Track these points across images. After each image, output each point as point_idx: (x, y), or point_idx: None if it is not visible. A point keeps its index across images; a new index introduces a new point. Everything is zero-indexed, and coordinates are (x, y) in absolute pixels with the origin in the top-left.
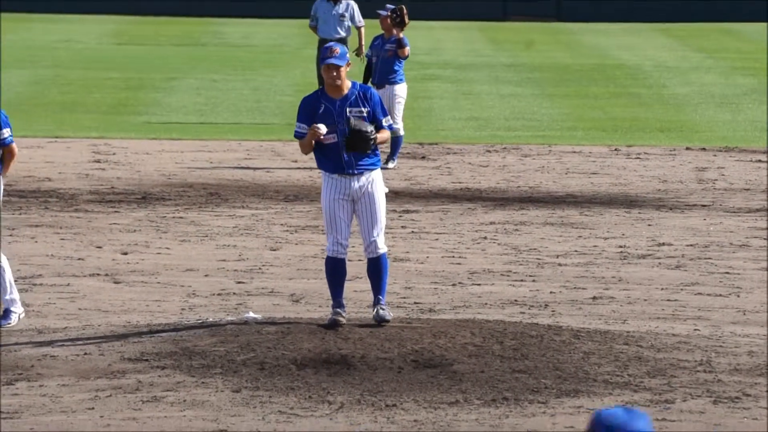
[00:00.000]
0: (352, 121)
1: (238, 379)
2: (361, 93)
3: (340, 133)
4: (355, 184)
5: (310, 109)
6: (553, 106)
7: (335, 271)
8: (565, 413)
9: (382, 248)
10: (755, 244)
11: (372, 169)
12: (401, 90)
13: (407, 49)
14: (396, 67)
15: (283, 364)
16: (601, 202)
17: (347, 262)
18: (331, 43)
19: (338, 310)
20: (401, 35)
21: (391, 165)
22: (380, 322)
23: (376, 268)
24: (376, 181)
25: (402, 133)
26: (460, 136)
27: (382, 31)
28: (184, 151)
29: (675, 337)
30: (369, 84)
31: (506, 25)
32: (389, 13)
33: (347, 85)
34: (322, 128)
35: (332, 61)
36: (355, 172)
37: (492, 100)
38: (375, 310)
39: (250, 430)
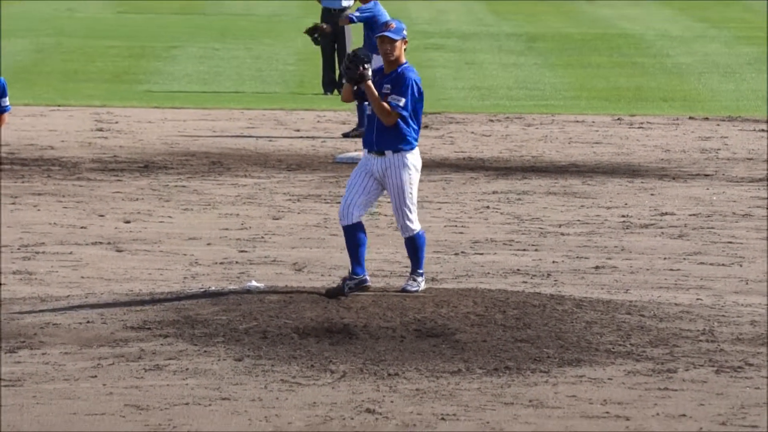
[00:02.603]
0: (360, 52)
1: (240, 348)
2: (399, 73)
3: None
4: (377, 165)
5: (374, 74)
6: (556, 76)
7: (345, 237)
8: (568, 383)
9: (414, 228)
10: (758, 213)
11: (396, 150)
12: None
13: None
14: (365, 39)
15: (286, 332)
16: (604, 171)
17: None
18: (390, 19)
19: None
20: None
21: (355, 133)
22: (404, 291)
23: (408, 247)
24: (399, 165)
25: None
26: (463, 105)
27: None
28: (187, 119)
29: (677, 307)
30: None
31: None
32: None
33: (400, 62)
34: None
35: (387, 33)
36: (375, 149)
37: (495, 70)
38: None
39: (252, 399)
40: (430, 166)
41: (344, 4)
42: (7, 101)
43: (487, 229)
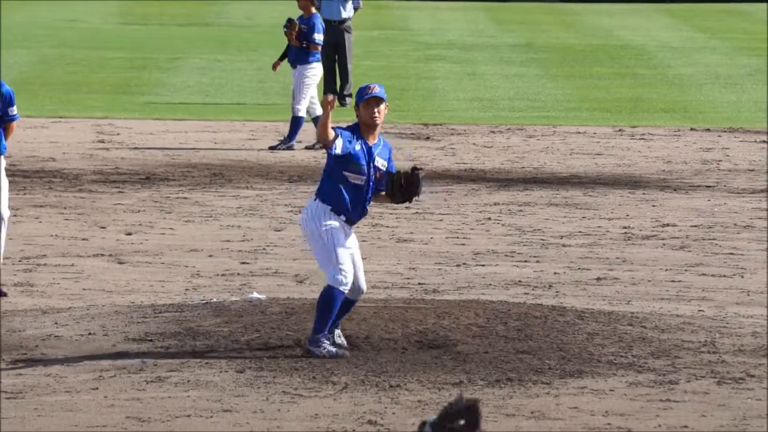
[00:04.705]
0: (422, 174)
1: (242, 360)
2: (386, 144)
3: (371, 178)
4: (350, 232)
5: (348, 133)
6: (558, 87)
7: (337, 304)
8: (569, 394)
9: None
10: (759, 224)
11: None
12: (311, 71)
13: (314, 45)
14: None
15: (287, 344)
16: (606, 182)
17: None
18: (370, 83)
19: (329, 339)
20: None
21: (282, 147)
22: (345, 348)
23: (350, 308)
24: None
25: (302, 115)
26: (465, 116)
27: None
28: (188, 131)
29: (679, 318)
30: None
31: (510, 5)
32: None
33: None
34: (330, 97)
35: (377, 94)
36: (358, 220)
37: (496, 81)
38: (336, 335)
39: (254, 411)
40: (431, 177)
41: (344, 15)
42: (14, 110)
43: (488, 241)
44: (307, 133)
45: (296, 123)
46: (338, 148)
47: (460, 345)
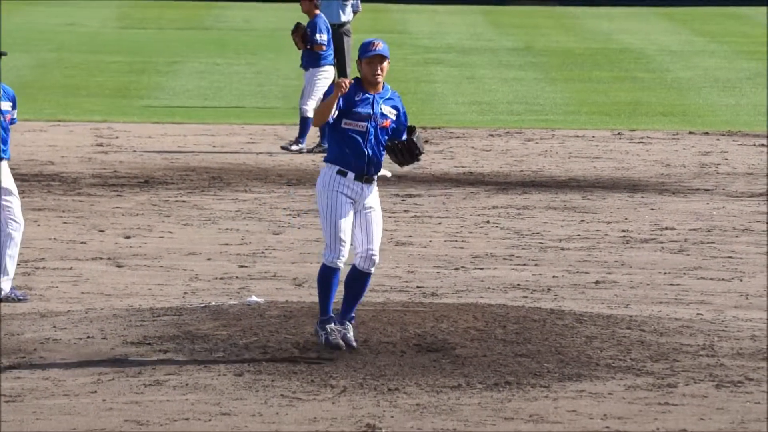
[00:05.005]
0: (418, 132)
1: (240, 363)
2: (394, 94)
3: (372, 125)
4: (365, 191)
5: (348, 93)
6: (556, 90)
7: (334, 282)
8: (568, 397)
9: (375, 267)
10: (758, 228)
11: (375, 176)
12: (322, 73)
13: (318, 45)
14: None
15: (286, 347)
16: (604, 186)
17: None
18: (373, 38)
19: (336, 327)
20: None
21: (294, 148)
22: (349, 345)
23: (364, 284)
24: (376, 193)
25: (310, 115)
26: (463, 120)
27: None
28: (187, 134)
29: (678, 322)
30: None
31: (509, 9)
32: None
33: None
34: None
35: (380, 51)
36: (372, 176)
37: (495, 84)
38: (345, 327)
39: (252, 414)
40: (430, 180)
41: (343, 19)
42: (15, 113)
43: (487, 244)
44: (307, 136)
45: (305, 123)
46: (340, 106)
47: (459, 348)
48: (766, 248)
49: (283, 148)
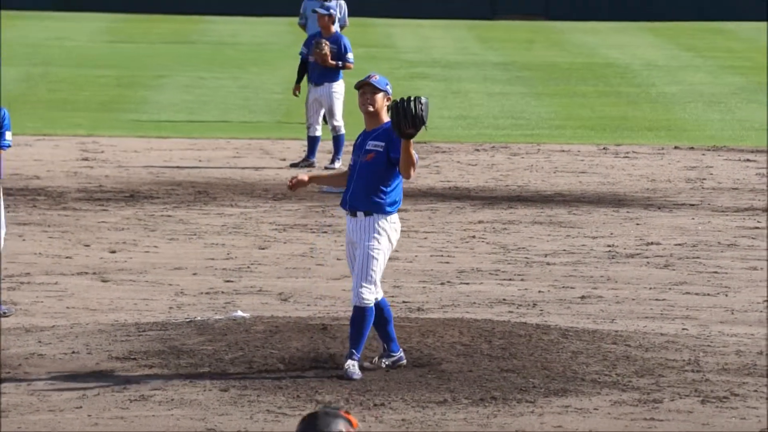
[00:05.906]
0: (424, 100)
1: (225, 378)
2: (385, 130)
3: (355, 167)
4: (350, 224)
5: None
6: (542, 105)
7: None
8: (554, 412)
9: (365, 299)
10: (743, 243)
11: (368, 212)
12: (339, 87)
13: (349, 64)
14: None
15: (271, 363)
16: (590, 201)
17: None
18: (373, 72)
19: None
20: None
21: (337, 165)
22: (347, 377)
23: (355, 318)
24: (370, 226)
25: (343, 131)
26: (449, 134)
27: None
28: (173, 149)
29: (663, 337)
30: (309, 83)
31: (494, 23)
32: (328, 12)
33: (382, 119)
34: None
35: (372, 81)
36: (347, 209)
37: (481, 99)
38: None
39: (237, 430)
40: (416, 195)
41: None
42: (9, 135)
43: (473, 259)
44: (292, 150)
45: (338, 141)
46: None
47: (445, 363)
48: (750, 263)
49: (326, 168)
